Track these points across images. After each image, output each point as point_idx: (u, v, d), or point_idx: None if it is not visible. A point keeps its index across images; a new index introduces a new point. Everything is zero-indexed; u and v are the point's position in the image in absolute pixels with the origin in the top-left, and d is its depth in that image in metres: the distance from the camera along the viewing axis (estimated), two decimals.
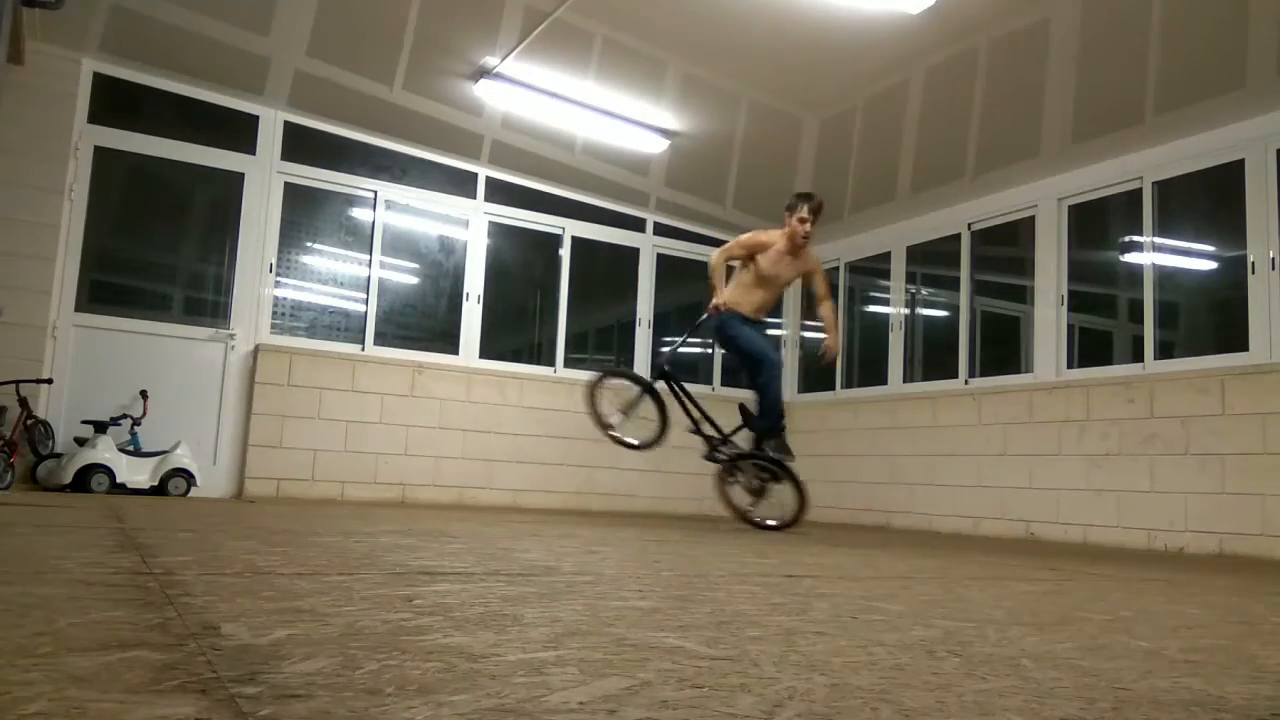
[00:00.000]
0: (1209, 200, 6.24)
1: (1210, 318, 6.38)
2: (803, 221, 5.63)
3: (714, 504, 8.71)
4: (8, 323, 6.11)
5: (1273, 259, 5.66)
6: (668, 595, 1.98)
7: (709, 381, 9.01)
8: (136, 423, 6.49)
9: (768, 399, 5.67)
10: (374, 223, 7.68)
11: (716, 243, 9.09)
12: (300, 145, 7.38)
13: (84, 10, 6.22)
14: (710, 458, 5.84)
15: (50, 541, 2.50)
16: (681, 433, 5.87)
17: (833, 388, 8.82)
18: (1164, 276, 6.36)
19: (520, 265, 8.45)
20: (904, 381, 8.11)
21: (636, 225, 8.77)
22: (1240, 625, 1.99)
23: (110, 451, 6.22)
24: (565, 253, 8.42)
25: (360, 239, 7.67)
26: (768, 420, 5.67)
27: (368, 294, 7.60)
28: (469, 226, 8.04)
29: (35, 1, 4.47)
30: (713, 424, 5.82)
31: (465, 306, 7.96)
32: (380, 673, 1.04)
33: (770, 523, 5.63)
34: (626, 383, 5.95)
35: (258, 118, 7.24)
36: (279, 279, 7.31)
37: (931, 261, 8.11)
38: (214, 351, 7.01)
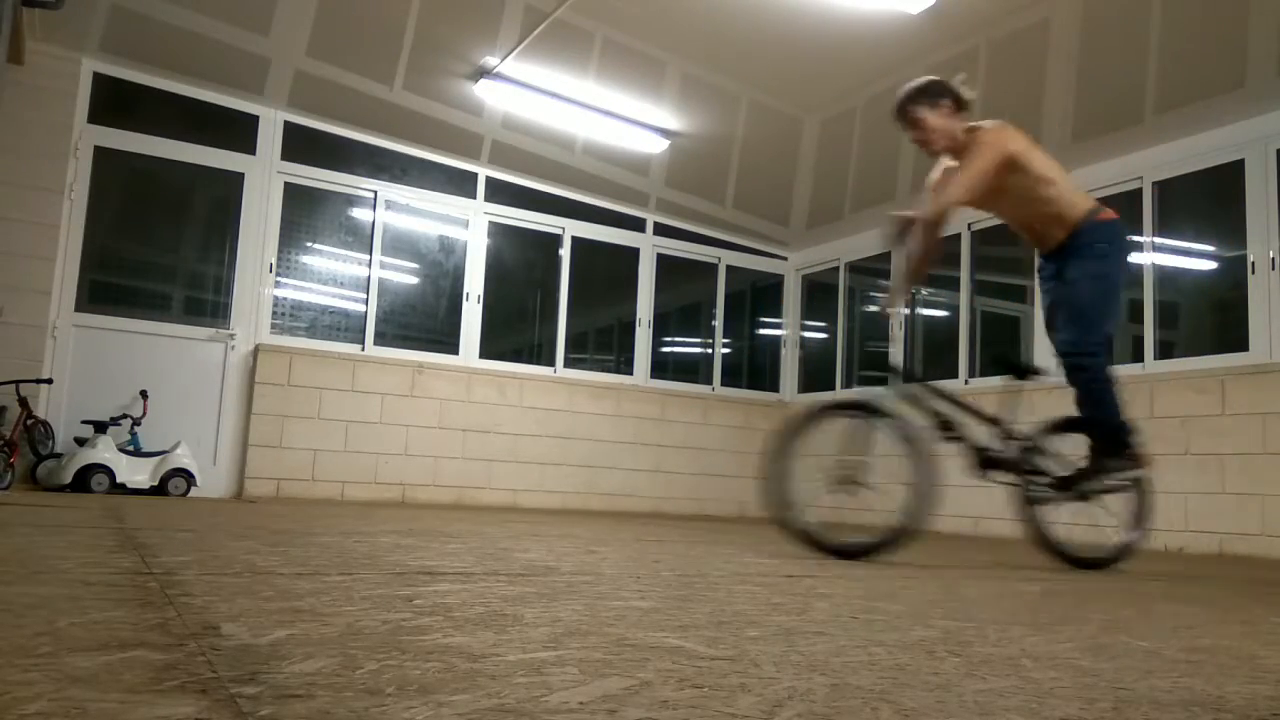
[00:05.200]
0: (1209, 200, 6.24)
1: (1210, 318, 6.38)
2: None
3: (715, 505, 8.76)
4: (8, 323, 6.11)
5: (1273, 259, 5.66)
6: (668, 595, 1.98)
7: (707, 380, 9.02)
8: (136, 423, 6.49)
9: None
10: (374, 223, 7.68)
11: (717, 243, 9.11)
12: (300, 145, 7.38)
13: (84, 10, 6.22)
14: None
15: (50, 541, 2.49)
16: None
17: (833, 387, 8.82)
18: (1164, 276, 6.35)
19: (520, 265, 8.44)
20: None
21: (636, 225, 8.76)
22: (1240, 625, 1.99)
23: (110, 451, 6.22)
24: (565, 253, 8.42)
25: (360, 239, 7.67)
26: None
27: (368, 294, 7.60)
28: (469, 226, 8.04)
29: (35, 1, 4.47)
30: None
31: (465, 306, 7.96)
32: (380, 673, 1.04)
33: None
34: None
35: (258, 118, 7.24)
36: (279, 279, 7.30)
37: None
38: (214, 351, 7.01)
